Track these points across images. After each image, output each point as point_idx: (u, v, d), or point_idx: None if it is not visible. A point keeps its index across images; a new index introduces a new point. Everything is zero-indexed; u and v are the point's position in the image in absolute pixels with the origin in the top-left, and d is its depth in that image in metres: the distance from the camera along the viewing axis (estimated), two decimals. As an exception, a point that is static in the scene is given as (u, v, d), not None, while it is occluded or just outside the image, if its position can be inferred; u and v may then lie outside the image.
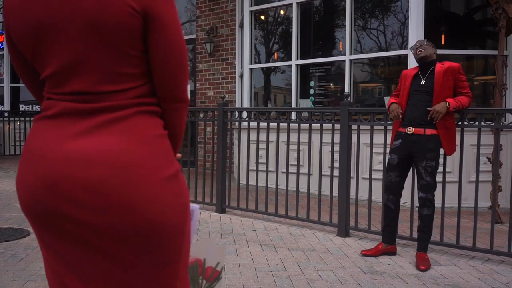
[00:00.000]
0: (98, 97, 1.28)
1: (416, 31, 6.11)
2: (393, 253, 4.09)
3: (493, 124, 4.00)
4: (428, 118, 3.78)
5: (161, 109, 1.38)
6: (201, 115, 6.11)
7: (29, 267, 3.68)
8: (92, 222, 1.24)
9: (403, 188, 4.04)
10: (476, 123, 4.00)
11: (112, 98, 1.28)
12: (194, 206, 1.55)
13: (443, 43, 6.59)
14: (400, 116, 3.90)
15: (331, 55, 7.42)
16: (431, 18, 6.30)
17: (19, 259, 3.87)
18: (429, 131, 3.81)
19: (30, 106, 12.43)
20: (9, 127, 11.69)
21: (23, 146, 1.35)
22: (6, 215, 5.43)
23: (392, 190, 4.01)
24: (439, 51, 5.95)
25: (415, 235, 4.32)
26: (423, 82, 3.88)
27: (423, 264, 3.72)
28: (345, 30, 6.93)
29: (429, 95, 3.82)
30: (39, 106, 12.34)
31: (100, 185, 1.21)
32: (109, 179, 1.22)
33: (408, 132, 3.86)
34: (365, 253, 4.05)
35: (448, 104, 3.75)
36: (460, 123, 4.01)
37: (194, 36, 9.55)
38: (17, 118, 11.66)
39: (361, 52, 7.03)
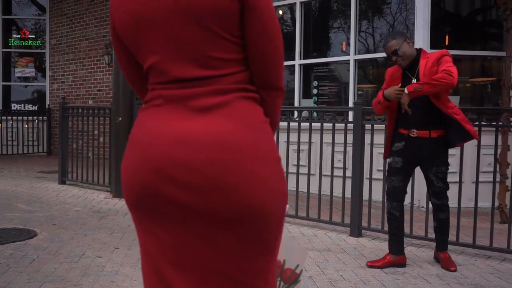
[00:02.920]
0: (199, 83, 1.30)
1: (422, 31, 6.12)
2: (402, 265, 3.73)
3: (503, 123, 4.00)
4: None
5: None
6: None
7: (43, 268, 3.58)
8: (195, 204, 1.25)
9: (406, 193, 3.79)
10: (493, 123, 4.00)
11: (213, 83, 1.30)
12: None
13: (447, 43, 6.61)
14: (402, 91, 3.53)
15: (335, 55, 7.40)
16: (436, 18, 6.31)
17: (31, 260, 3.77)
18: (435, 133, 3.58)
19: (22, 105, 12.23)
20: (1, 126, 11.49)
21: (130, 134, 1.38)
22: (9, 215, 5.31)
23: (396, 196, 3.72)
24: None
25: (430, 235, 4.30)
26: (414, 81, 3.60)
27: (452, 265, 3.67)
28: (349, 30, 6.91)
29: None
30: (31, 105, 12.27)
31: (206, 167, 1.23)
32: (214, 161, 1.23)
33: (412, 135, 3.61)
34: (372, 265, 3.72)
35: (406, 89, 3.49)
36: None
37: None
38: (9, 117, 11.45)
39: (366, 52, 7.02)
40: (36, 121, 11.78)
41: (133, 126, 1.40)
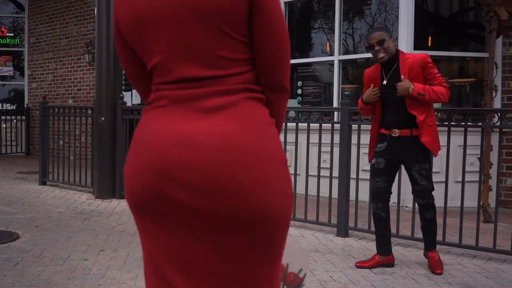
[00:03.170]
0: (205, 83, 1.27)
1: (406, 33, 6.15)
2: (391, 265, 3.76)
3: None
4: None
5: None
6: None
7: (28, 271, 3.51)
8: (199, 206, 1.23)
9: (391, 193, 3.81)
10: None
11: (219, 83, 1.28)
12: None
13: (430, 44, 6.67)
14: (378, 92, 3.63)
15: (319, 56, 7.41)
16: (419, 19, 6.36)
17: (15, 263, 3.69)
18: (416, 131, 3.55)
19: (0, 104, 11.98)
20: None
21: (133, 136, 1.35)
22: (-11, 217, 5.19)
23: (381, 196, 3.72)
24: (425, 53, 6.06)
25: (416, 235, 4.33)
26: (384, 82, 3.63)
27: (438, 267, 3.63)
28: (334, 30, 6.93)
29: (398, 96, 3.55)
30: (9, 104, 12.01)
31: (210, 168, 1.20)
32: (219, 162, 1.21)
33: (394, 135, 3.60)
34: (361, 265, 3.73)
35: (413, 87, 3.45)
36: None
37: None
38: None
39: (350, 53, 7.05)
40: (15, 121, 11.56)
41: (137, 127, 1.38)
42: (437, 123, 3.78)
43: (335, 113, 5.37)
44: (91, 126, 6.80)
